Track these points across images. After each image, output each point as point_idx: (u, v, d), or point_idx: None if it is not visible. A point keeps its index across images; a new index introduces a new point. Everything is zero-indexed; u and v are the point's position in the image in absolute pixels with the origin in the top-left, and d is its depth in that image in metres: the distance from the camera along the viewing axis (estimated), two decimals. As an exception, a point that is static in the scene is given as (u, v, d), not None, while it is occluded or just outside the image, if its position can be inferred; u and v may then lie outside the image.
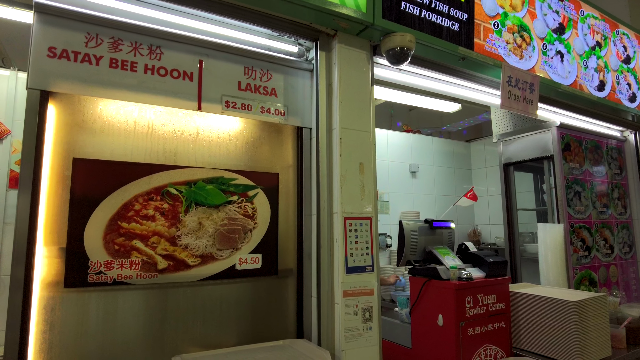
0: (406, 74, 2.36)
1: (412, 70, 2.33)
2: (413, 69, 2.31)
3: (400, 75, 2.37)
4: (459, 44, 2.15)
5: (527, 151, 3.44)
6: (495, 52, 2.31)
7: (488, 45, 2.27)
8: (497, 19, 2.34)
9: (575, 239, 3.16)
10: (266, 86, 1.97)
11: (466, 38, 2.18)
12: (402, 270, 4.08)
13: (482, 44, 2.25)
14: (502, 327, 2.59)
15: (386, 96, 2.97)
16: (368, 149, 1.92)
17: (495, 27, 2.32)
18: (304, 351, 1.71)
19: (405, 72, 2.35)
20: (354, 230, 1.81)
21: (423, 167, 5.06)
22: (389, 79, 2.36)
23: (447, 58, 2.23)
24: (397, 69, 2.30)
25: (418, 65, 2.28)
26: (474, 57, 2.21)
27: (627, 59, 3.22)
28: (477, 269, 2.66)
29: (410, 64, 2.24)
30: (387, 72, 2.30)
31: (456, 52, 2.14)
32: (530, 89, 2.46)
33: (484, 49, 2.26)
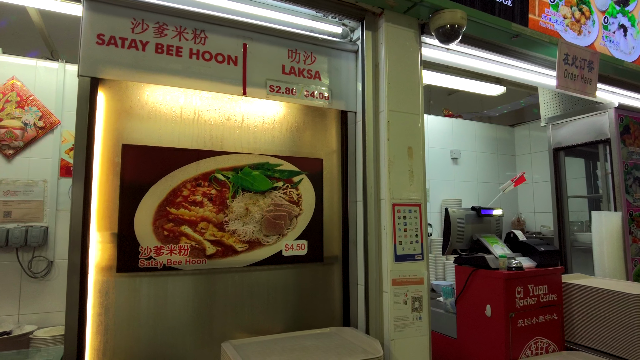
0: (454, 54, 2.25)
1: (460, 50, 2.22)
2: (462, 49, 2.20)
3: (448, 56, 2.26)
4: (512, 20, 2.02)
5: (579, 135, 3.24)
6: (551, 28, 2.16)
7: (543, 20, 2.13)
8: (555, -8, 2.18)
9: (635, 228, 2.97)
10: (310, 69, 1.92)
11: (520, 14, 2.04)
12: (443, 259, 3.98)
13: (537, 19, 2.11)
14: (554, 319, 2.47)
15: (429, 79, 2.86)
16: (417, 133, 1.84)
17: (552, 1, 2.16)
18: (352, 339, 1.68)
19: (453, 52, 2.24)
20: (402, 217, 1.75)
21: (465, 153, 4.89)
22: (436, 59, 2.26)
23: (498, 36, 2.10)
24: (446, 48, 2.19)
25: (467, 44, 2.16)
26: (527, 34, 2.07)
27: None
28: (527, 258, 2.54)
29: (459, 43, 2.13)
30: (434, 52, 2.20)
31: (509, 29, 2.01)
32: (588, 67, 2.29)
33: (539, 25, 2.11)
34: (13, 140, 3.01)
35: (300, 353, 1.52)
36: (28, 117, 3.08)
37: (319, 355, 1.48)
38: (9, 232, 2.82)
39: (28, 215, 2.98)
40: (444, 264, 3.95)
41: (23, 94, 3.08)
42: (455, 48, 2.20)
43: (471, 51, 2.21)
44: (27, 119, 3.08)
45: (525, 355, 2.34)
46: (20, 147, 3.02)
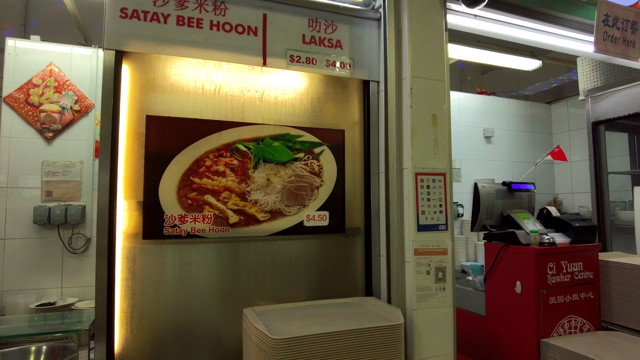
0: (483, 21, 2.15)
1: (489, 16, 2.12)
2: (490, 14, 2.10)
3: (476, 23, 2.16)
4: (546, -20, 1.91)
5: (622, 107, 3.05)
6: (590, -12, 2.03)
7: (581, -21, 2.00)
8: (593, -52, 2.04)
9: (681, 204, 2.79)
10: (331, 38, 1.89)
11: (555, -27, 1.93)
12: (475, 241, 3.89)
13: (574, -22, 1.98)
14: (589, 297, 2.37)
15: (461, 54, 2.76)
16: (442, 100, 1.78)
17: (590, -41, 2.03)
18: (374, 309, 1.67)
19: (482, 19, 2.15)
20: (425, 186, 1.70)
21: (498, 132, 4.72)
22: (464, 27, 2.17)
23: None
24: (472, 15, 2.10)
25: (496, 9, 2.06)
26: (564, -6, 1.96)
27: None
28: (560, 234, 2.44)
29: (487, 7, 2.04)
30: (461, 19, 2.11)
31: (541, -12, 1.91)
32: (632, 28, 2.14)
33: (577, -16, 1.99)
34: (52, 123, 3.15)
35: (321, 319, 1.53)
36: (65, 101, 3.21)
37: (340, 322, 1.48)
38: (50, 211, 2.96)
39: (67, 194, 3.13)
40: (475, 245, 3.87)
41: (60, 79, 3.20)
42: (483, 14, 2.11)
43: (501, 17, 2.11)
44: (65, 103, 3.21)
45: (558, 333, 2.26)
46: (59, 129, 3.16)
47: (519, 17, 2.13)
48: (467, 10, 1.90)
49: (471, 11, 2.09)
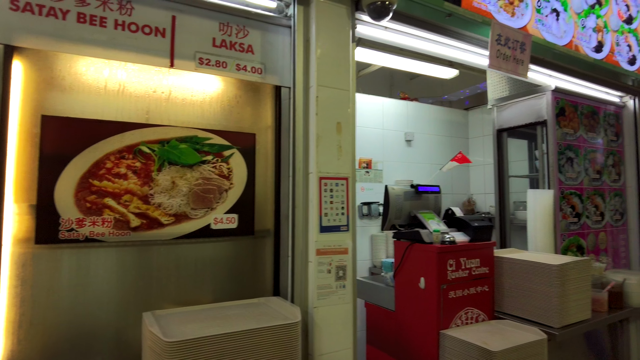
0: (392, 32, 2.28)
1: (397, 28, 2.25)
2: (398, 27, 2.23)
3: (386, 34, 2.29)
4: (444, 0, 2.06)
5: (521, 116, 3.37)
6: (485, 9, 2.22)
7: (477, 1, 2.18)
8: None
9: (565, 205, 3.14)
10: (242, 43, 1.91)
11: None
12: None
13: (471, 0, 2.16)
14: (485, 290, 2.61)
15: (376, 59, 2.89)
16: (346, 108, 1.88)
17: (485, -17, 2.22)
18: (277, 308, 1.73)
19: (391, 31, 2.27)
20: (329, 190, 1.79)
21: (419, 136, 4.99)
22: (374, 37, 2.29)
23: (433, 14, 2.15)
24: (383, 26, 2.22)
25: (403, 22, 2.20)
26: (460, 14, 2.13)
27: (629, 18, 3.10)
28: (461, 233, 2.66)
29: (395, 20, 2.17)
30: (372, 30, 2.22)
31: (442, 7, 2.06)
32: (521, 48, 2.37)
33: (472, 5, 2.17)
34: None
35: (221, 321, 1.56)
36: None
37: (239, 322, 1.53)
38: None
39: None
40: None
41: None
42: (392, 26, 2.23)
43: (409, 30, 2.25)
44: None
45: (456, 324, 2.47)
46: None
47: (424, 31, 2.28)
48: (377, 22, 2.01)
49: (381, 23, 2.21)
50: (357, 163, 4.55)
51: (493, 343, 2.20)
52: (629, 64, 3.09)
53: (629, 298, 2.88)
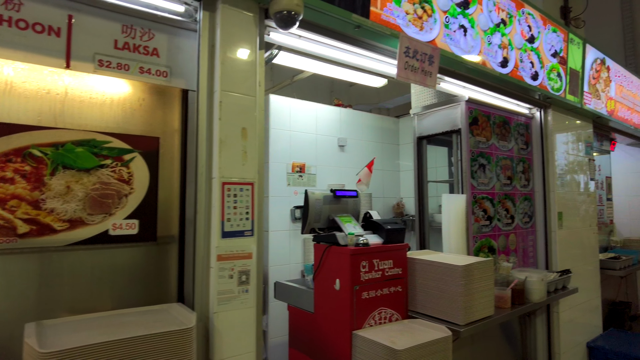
0: (307, 41, 2.34)
1: (312, 37, 2.31)
2: (312, 36, 2.29)
3: (302, 42, 2.34)
4: (352, 11, 2.14)
5: (438, 125, 3.55)
6: (393, 22, 2.33)
7: (385, 14, 2.29)
8: (396, -12, 2.35)
9: (477, 209, 3.34)
10: (147, 46, 1.89)
11: (361, 6, 2.18)
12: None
13: (379, 12, 2.26)
14: (398, 291, 2.72)
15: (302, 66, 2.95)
16: (252, 114, 1.90)
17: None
18: (176, 314, 1.71)
19: (306, 39, 2.33)
20: (232, 195, 1.80)
21: (352, 142, 5.12)
22: (291, 45, 2.34)
23: (342, 25, 2.23)
24: (297, 34, 2.27)
25: (313, 32, 2.26)
26: (369, 26, 2.22)
27: (532, 38, 3.37)
28: (376, 235, 2.76)
29: (306, 29, 2.22)
30: (285, 38, 2.27)
31: (350, 19, 2.14)
32: (429, 60, 2.51)
33: (381, 17, 2.27)
34: None
35: (114, 328, 1.52)
36: None
37: (130, 329, 1.50)
38: None
39: None
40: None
41: None
42: (306, 35, 2.29)
43: (321, 39, 2.32)
44: None
45: (369, 324, 2.56)
46: None
47: (337, 41, 2.36)
48: (285, 30, 2.05)
49: (294, 32, 2.26)
50: (290, 167, 4.60)
51: (400, 342, 2.30)
52: (532, 79, 3.36)
53: (530, 294, 3.12)
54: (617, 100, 4.76)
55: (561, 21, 4.30)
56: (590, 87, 4.20)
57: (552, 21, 3.60)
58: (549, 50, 3.56)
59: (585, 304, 4.33)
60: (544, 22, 3.50)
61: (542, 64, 3.48)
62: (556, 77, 3.67)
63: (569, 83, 3.84)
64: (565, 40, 3.76)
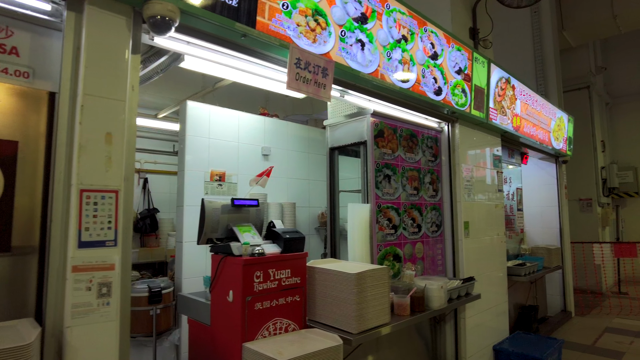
0: (195, 47, 2.31)
1: (199, 44, 2.29)
2: (200, 42, 2.27)
3: (190, 48, 2.31)
4: (236, 20, 2.14)
5: (348, 136, 3.63)
6: (283, 33, 2.36)
7: (274, 25, 2.31)
8: (287, 0, 2.38)
9: (382, 218, 3.43)
10: (4, 44, 1.78)
11: (247, 15, 2.18)
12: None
13: (267, 22, 2.28)
14: (295, 300, 2.71)
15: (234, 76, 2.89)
16: (119, 118, 1.83)
17: (285, 8, 2.36)
18: (23, 330, 1.60)
19: (195, 46, 2.30)
20: (92, 203, 1.72)
21: (276, 151, 5.12)
22: (175, 49, 2.30)
23: (229, 34, 2.22)
24: (184, 41, 2.24)
25: (201, 39, 2.24)
26: (255, 35, 2.23)
27: (435, 55, 3.54)
28: (275, 245, 2.74)
29: (193, 36, 2.20)
30: (172, 43, 2.23)
31: (233, 28, 2.14)
32: (323, 73, 2.56)
33: (269, 28, 2.29)
34: None
35: (-64, 349, 1.39)
36: None
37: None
38: None
39: None
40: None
41: None
42: (194, 41, 2.26)
43: (210, 45, 2.30)
44: None
45: (263, 336, 2.52)
46: None
47: (224, 47, 2.34)
48: (161, 36, 2.01)
49: (180, 37, 2.22)
50: (208, 175, 4.51)
51: (287, 352, 2.28)
52: (435, 94, 3.52)
53: (430, 301, 3.23)
54: (522, 117, 5.11)
55: (470, 41, 4.57)
56: (495, 104, 4.48)
57: (456, 40, 3.81)
58: (453, 67, 3.76)
59: (493, 308, 4.55)
60: (448, 40, 3.70)
61: (445, 80, 3.66)
62: (461, 93, 3.88)
63: (474, 99, 4.06)
64: (469, 58, 3.99)
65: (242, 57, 2.45)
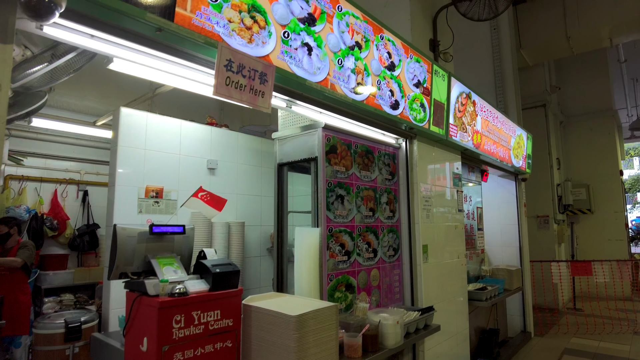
0: (101, 42, 1.88)
1: (108, 38, 1.86)
2: (109, 37, 1.85)
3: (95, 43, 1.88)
4: (147, 10, 1.74)
5: (297, 151, 3.27)
6: (210, 29, 1.97)
7: (198, 19, 1.92)
8: (216, -9, 2.01)
9: (334, 243, 3.07)
10: None
11: (163, 5, 1.79)
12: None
13: (190, 16, 1.89)
14: (227, 346, 2.29)
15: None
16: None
17: (213, 0, 1.98)
18: None
19: (100, 40, 1.88)
20: None
21: (224, 164, 4.69)
22: (74, 42, 1.86)
23: (141, 27, 1.81)
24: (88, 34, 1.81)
25: (111, 33, 1.82)
26: (173, 30, 1.83)
27: (392, 65, 3.25)
28: (202, 281, 2.32)
29: (91, 27, 1.78)
30: (70, 35, 1.80)
31: (145, 19, 1.74)
32: (261, 79, 2.19)
33: (191, 22, 1.90)
34: None
35: None
36: None
37: None
38: None
39: None
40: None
41: None
42: (100, 35, 1.84)
43: (116, 39, 1.88)
44: None
45: (183, 393, 2.08)
46: None
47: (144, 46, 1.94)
48: (41, 22, 1.58)
49: (84, 30, 1.79)
50: (143, 192, 4.01)
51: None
52: (392, 108, 3.22)
53: (385, 339, 2.87)
54: (483, 134, 4.93)
55: (430, 53, 4.34)
56: (456, 120, 4.25)
57: (416, 51, 3.55)
58: (411, 79, 3.49)
59: (454, 337, 4.27)
60: (406, 50, 3.43)
61: (403, 93, 3.38)
62: (419, 108, 3.61)
63: (433, 114, 3.81)
64: (429, 71, 3.74)
65: (164, 57, 2.05)
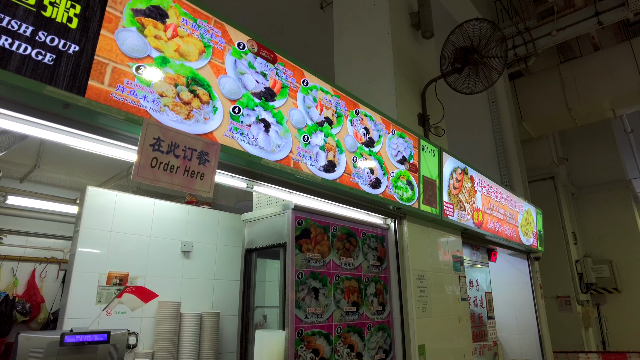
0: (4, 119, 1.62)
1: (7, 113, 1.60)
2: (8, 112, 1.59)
3: None
4: (49, 83, 1.48)
5: (266, 236, 2.89)
6: (134, 104, 1.70)
7: (118, 92, 1.66)
8: (146, 62, 1.77)
9: (305, 350, 2.56)
10: None
11: (70, 77, 1.53)
12: None
13: (107, 90, 1.63)
14: None
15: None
16: None
17: (138, 72, 1.74)
18: None
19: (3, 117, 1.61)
20: None
21: (200, 246, 4.30)
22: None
23: (45, 102, 1.55)
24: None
25: (10, 109, 1.56)
26: (83, 105, 1.56)
27: (370, 141, 2.96)
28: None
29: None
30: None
31: (42, 93, 1.47)
32: (200, 158, 1.88)
33: (109, 96, 1.63)
34: None
35: None
36: None
37: None
38: None
39: None
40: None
41: None
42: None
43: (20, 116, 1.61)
44: None
45: None
46: None
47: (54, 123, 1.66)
48: None
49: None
50: (104, 278, 3.61)
51: None
52: (372, 187, 2.88)
53: None
54: (485, 211, 4.51)
55: (419, 128, 4.09)
56: (451, 197, 3.87)
57: (398, 125, 3.29)
58: (394, 155, 3.18)
59: None
60: (387, 125, 3.16)
61: (385, 170, 3.05)
62: (406, 186, 3.26)
63: (422, 192, 3.44)
64: (415, 146, 3.44)
65: (79, 133, 1.76)
